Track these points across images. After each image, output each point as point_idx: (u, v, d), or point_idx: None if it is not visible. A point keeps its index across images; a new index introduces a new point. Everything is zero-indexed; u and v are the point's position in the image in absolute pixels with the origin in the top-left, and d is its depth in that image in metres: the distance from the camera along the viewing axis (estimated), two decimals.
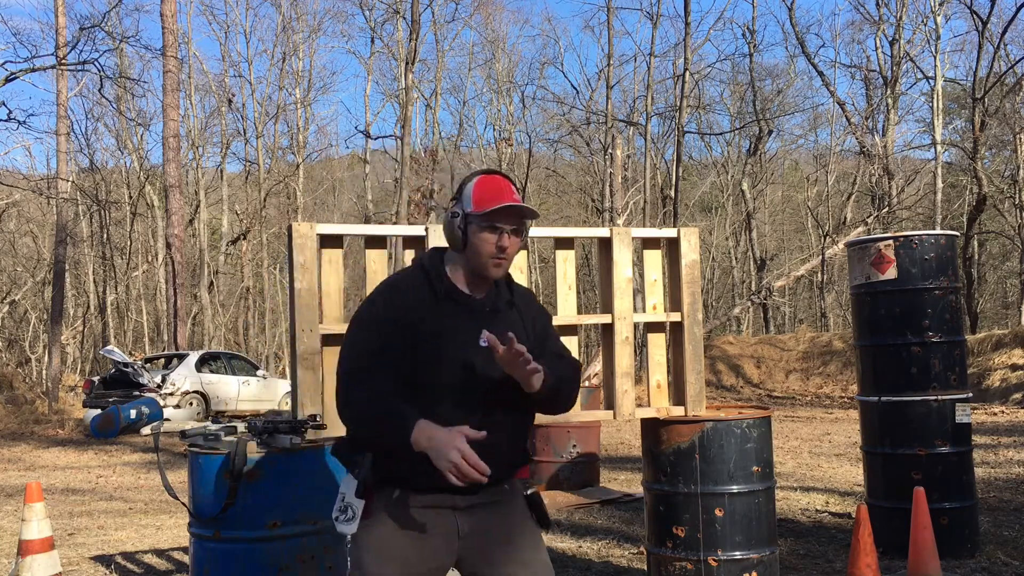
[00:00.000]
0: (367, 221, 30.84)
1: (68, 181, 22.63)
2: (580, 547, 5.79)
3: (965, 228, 24.38)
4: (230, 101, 33.08)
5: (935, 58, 26.39)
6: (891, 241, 5.35)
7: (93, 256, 32.02)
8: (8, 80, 16.97)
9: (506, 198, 2.21)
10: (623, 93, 34.26)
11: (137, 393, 15.28)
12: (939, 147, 25.88)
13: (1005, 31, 23.95)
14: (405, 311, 2.20)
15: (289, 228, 3.76)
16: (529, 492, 2.38)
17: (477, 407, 2.18)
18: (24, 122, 23.94)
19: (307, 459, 3.59)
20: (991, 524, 5.96)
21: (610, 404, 4.28)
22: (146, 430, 13.88)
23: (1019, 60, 24.07)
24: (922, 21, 28.00)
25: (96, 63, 18.38)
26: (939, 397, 5.21)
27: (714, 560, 4.13)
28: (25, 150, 66.51)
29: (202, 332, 31.24)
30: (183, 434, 3.83)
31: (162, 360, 18.04)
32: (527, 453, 2.42)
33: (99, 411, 14.41)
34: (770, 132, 29.87)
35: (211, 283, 31.78)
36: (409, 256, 4.05)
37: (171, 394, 15.62)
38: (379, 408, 2.13)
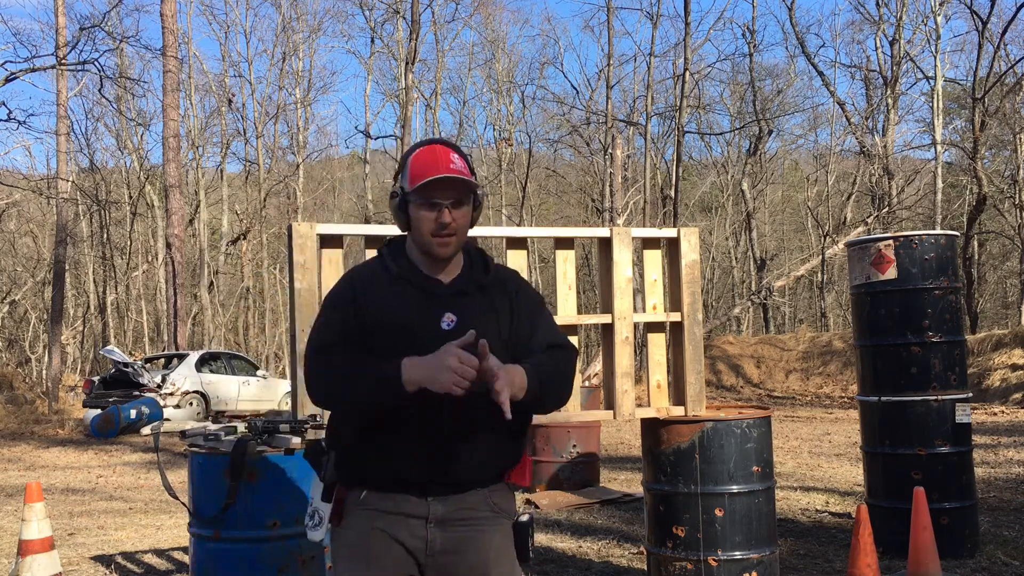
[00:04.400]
0: (367, 221, 30.84)
1: (68, 181, 22.64)
2: (580, 547, 5.79)
3: (965, 228, 24.37)
4: (230, 101, 33.09)
5: (935, 58, 26.40)
6: (891, 241, 5.36)
7: (93, 256, 32.02)
8: (8, 80, 16.98)
9: (437, 169, 2.01)
10: (623, 93, 34.30)
11: (137, 393, 15.28)
12: (939, 147, 25.88)
13: (1005, 31, 23.94)
14: (363, 297, 2.06)
15: (289, 228, 3.76)
16: (519, 518, 2.14)
17: (442, 399, 1.94)
18: (24, 122, 23.98)
19: (307, 460, 3.58)
20: (991, 524, 5.96)
21: (610, 404, 4.28)
22: (146, 430, 13.88)
23: (1019, 60, 24.07)
24: (922, 21, 28.03)
25: (96, 63, 18.41)
26: (939, 397, 5.21)
27: (714, 560, 4.13)
28: (25, 150, 66.54)
29: (202, 332, 31.24)
30: (183, 434, 3.83)
31: (162, 360, 18.04)
32: (516, 450, 2.15)
33: (99, 411, 14.41)
34: (770, 132, 29.87)
35: (211, 283, 31.78)
36: None
37: (171, 394, 15.62)
38: (357, 368, 1.96)
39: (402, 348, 1.98)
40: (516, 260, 4.19)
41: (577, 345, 4.40)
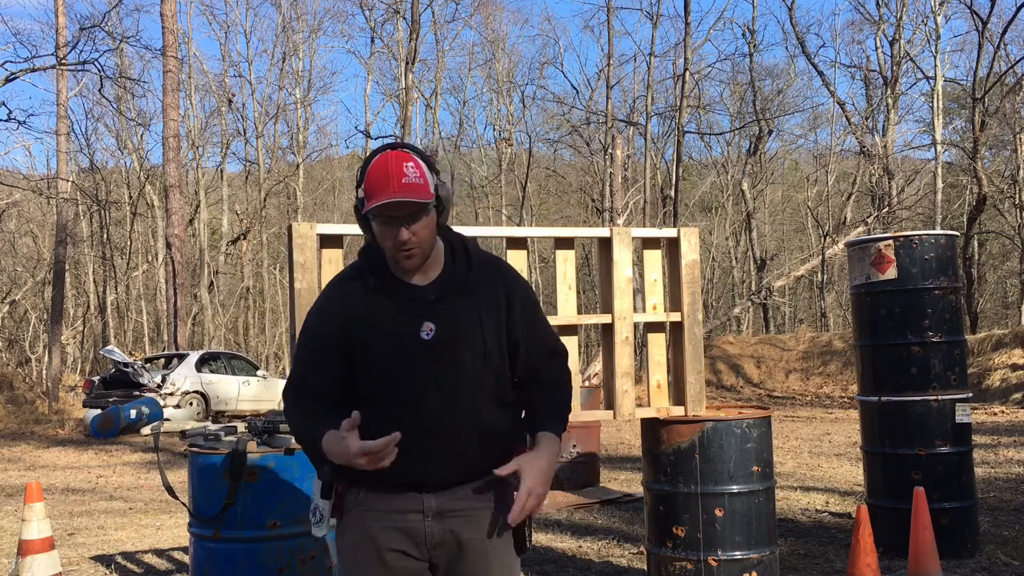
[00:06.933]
0: None
1: (68, 181, 22.62)
2: (580, 547, 5.79)
3: (965, 228, 24.37)
4: (230, 101, 33.08)
5: (935, 58, 26.39)
6: (891, 241, 5.35)
7: (93, 256, 32.02)
8: (8, 80, 16.99)
9: (387, 190, 1.95)
10: (623, 93, 34.29)
11: (137, 393, 15.27)
12: (939, 147, 25.87)
13: (1005, 31, 23.94)
14: (345, 309, 2.07)
15: (289, 228, 3.76)
16: None
17: (423, 404, 2.03)
18: (24, 122, 23.99)
19: (307, 459, 3.58)
20: (991, 524, 5.96)
21: (610, 404, 4.28)
22: (146, 430, 13.88)
23: (1019, 60, 24.07)
24: (922, 21, 28.02)
25: (96, 63, 18.40)
26: (939, 397, 5.21)
27: (714, 560, 4.13)
28: (25, 150, 66.58)
29: (202, 332, 31.24)
30: (183, 434, 3.83)
31: (162, 360, 18.03)
32: (507, 447, 2.13)
33: (99, 411, 14.41)
34: (770, 132, 29.85)
35: (211, 283, 31.79)
36: None
37: (171, 394, 15.61)
38: (304, 432, 2.09)
39: (387, 360, 2.05)
40: (516, 260, 4.19)
41: (577, 345, 4.41)
